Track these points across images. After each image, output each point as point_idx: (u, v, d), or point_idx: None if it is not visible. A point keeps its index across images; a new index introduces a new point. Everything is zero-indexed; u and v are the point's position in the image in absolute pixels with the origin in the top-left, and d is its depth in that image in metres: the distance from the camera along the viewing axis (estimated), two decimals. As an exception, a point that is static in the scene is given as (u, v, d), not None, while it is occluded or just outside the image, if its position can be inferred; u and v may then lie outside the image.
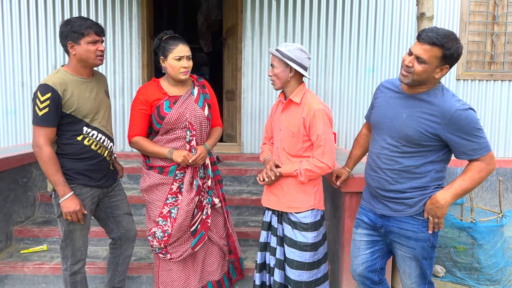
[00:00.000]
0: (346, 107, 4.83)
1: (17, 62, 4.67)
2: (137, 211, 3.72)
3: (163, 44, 2.45)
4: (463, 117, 1.86)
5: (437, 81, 1.95)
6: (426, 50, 1.84)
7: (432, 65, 1.86)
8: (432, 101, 1.93)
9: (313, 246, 2.31)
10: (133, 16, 4.68)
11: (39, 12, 4.63)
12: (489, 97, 4.86)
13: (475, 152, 1.90)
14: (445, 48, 1.83)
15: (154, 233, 2.56)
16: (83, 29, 2.21)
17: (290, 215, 2.33)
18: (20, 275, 3.07)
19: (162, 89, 2.51)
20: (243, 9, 4.71)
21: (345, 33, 4.75)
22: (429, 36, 1.83)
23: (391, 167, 2.04)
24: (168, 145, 2.51)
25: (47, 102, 2.14)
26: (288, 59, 2.25)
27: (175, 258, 2.59)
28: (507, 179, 4.80)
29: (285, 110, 2.37)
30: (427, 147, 1.96)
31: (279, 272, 2.39)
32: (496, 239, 3.39)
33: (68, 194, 2.22)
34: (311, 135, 2.26)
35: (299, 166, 2.27)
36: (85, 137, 2.29)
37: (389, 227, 2.08)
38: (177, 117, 2.46)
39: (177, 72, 2.44)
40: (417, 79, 1.91)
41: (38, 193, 3.76)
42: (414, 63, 1.88)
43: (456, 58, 1.88)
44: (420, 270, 2.07)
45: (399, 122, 2.00)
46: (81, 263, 2.43)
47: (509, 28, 4.82)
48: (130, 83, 4.74)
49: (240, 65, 4.78)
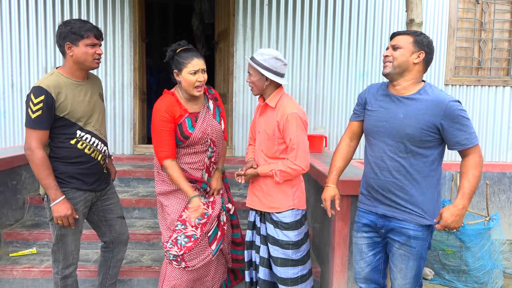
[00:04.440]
0: (337, 111, 4.88)
1: (7, 64, 4.62)
2: (128, 214, 3.71)
3: (176, 58, 2.37)
4: (455, 108, 1.97)
5: (418, 72, 2.07)
6: (399, 39, 2.08)
7: (407, 48, 2.05)
8: (424, 98, 2.03)
9: (295, 244, 2.39)
10: (125, 19, 4.68)
11: (30, 13, 4.60)
12: (477, 102, 4.94)
13: (468, 141, 1.99)
14: (415, 35, 2.07)
15: (176, 239, 2.46)
16: (83, 31, 2.19)
17: (272, 215, 2.41)
18: (9, 279, 3.04)
19: (181, 105, 2.43)
20: (235, 13, 4.74)
21: (336, 38, 4.80)
22: (399, 31, 2.15)
23: (395, 168, 2.08)
24: (185, 158, 2.46)
25: (41, 105, 2.11)
26: (263, 69, 2.30)
27: (190, 266, 2.50)
28: (494, 183, 4.88)
29: (262, 114, 2.44)
30: (427, 142, 2.03)
31: (263, 270, 2.48)
32: (483, 242, 3.44)
33: (59, 198, 2.20)
34: (285, 138, 2.32)
35: (274, 167, 2.34)
36: (78, 141, 2.27)
37: (390, 226, 2.12)
38: (201, 136, 2.43)
39: (192, 87, 2.36)
40: (397, 65, 2.06)
41: (27, 196, 3.72)
42: (392, 52, 2.09)
43: (427, 46, 2.06)
44: (416, 270, 2.11)
45: (397, 122, 2.06)
46: (73, 267, 2.41)
47: (496, 34, 4.92)
48: (122, 86, 4.73)
49: (232, 68, 4.80)
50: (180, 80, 2.38)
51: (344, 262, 2.74)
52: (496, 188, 4.91)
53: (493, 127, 4.97)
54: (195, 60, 2.36)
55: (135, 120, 4.79)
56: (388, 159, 2.10)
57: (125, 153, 4.78)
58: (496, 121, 4.96)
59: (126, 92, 4.74)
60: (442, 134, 2.01)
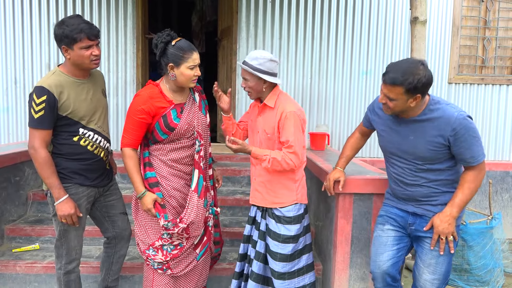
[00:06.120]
0: (339, 109, 4.87)
1: (11, 60, 4.63)
2: (130, 210, 3.70)
3: (173, 51, 2.26)
4: (462, 126, 1.97)
5: (418, 106, 2.04)
6: (390, 90, 1.98)
7: (401, 100, 1.99)
8: (431, 117, 2.04)
9: (295, 238, 2.43)
10: (128, 15, 4.67)
11: (33, 9, 4.60)
12: (480, 100, 4.92)
13: (473, 160, 2.01)
14: (406, 84, 1.93)
15: (162, 246, 2.41)
16: (75, 34, 2.12)
17: (275, 210, 2.43)
18: (12, 274, 3.05)
19: (165, 96, 2.36)
20: (238, 10, 4.73)
21: (339, 35, 4.78)
22: (390, 77, 1.97)
23: (417, 182, 2.14)
24: (172, 154, 2.40)
25: (43, 105, 2.12)
26: (260, 73, 2.30)
27: (176, 273, 2.48)
28: (497, 182, 4.87)
29: (261, 114, 2.44)
30: (439, 159, 2.07)
31: (258, 264, 2.51)
32: (485, 240, 3.43)
33: (63, 197, 2.21)
34: (281, 135, 2.33)
35: (269, 152, 2.34)
36: (81, 138, 2.28)
37: (422, 224, 2.17)
38: (186, 127, 2.38)
39: (189, 80, 2.31)
40: (397, 111, 2.06)
41: (30, 192, 3.73)
42: (387, 101, 2.03)
43: (422, 86, 1.95)
44: (446, 266, 2.15)
45: (408, 145, 2.11)
46: (76, 262, 2.42)
47: (500, 33, 4.89)
48: (125, 82, 4.73)
49: (235, 66, 4.79)
50: (175, 74, 2.29)
51: (346, 260, 2.74)
52: (499, 187, 4.89)
53: (497, 126, 4.95)
54: (194, 54, 2.29)
55: (138, 117, 4.79)
56: (407, 175, 2.16)
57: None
58: (500, 119, 4.94)
59: (129, 89, 4.74)
60: (450, 148, 2.03)
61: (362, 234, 2.72)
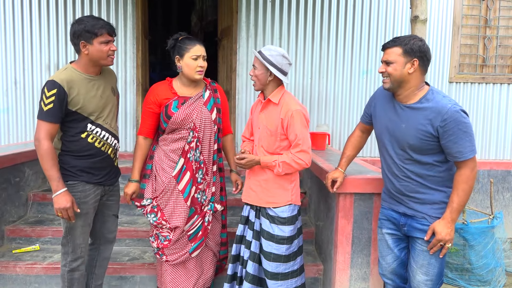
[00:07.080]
0: (339, 108, 4.86)
1: (11, 61, 4.63)
2: (130, 211, 3.72)
3: (179, 44, 2.48)
4: (453, 119, 1.96)
5: (417, 79, 2.07)
6: (389, 53, 2.10)
7: (399, 62, 2.05)
8: (426, 107, 2.04)
9: (289, 239, 2.42)
10: (128, 16, 4.67)
11: (33, 10, 4.60)
12: (481, 99, 4.91)
13: (460, 155, 1.99)
14: (403, 44, 2.05)
15: (157, 236, 2.62)
16: (97, 28, 2.21)
17: (268, 210, 2.42)
18: (12, 275, 3.05)
19: (172, 88, 2.55)
20: (238, 10, 4.72)
21: (339, 35, 4.78)
22: (388, 42, 2.13)
23: (404, 174, 2.14)
24: (172, 144, 2.55)
25: (52, 98, 2.16)
26: (269, 63, 2.32)
27: (170, 261, 2.60)
28: (498, 181, 4.86)
29: (263, 110, 2.45)
30: (428, 150, 2.06)
31: (253, 265, 2.48)
32: (487, 240, 3.42)
33: (60, 190, 2.20)
34: (289, 134, 2.34)
35: (277, 158, 2.35)
36: (89, 134, 2.30)
37: (413, 224, 2.16)
38: (183, 117, 2.49)
39: (193, 71, 2.47)
40: (395, 80, 2.08)
41: (30, 193, 3.73)
42: (386, 68, 2.11)
43: (418, 51, 2.03)
44: (439, 268, 2.14)
45: (400, 132, 2.12)
46: (80, 260, 2.41)
47: (501, 31, 4.88)
48: (125, 83, 4.72)
49: (235, 66, 4.79)
50: (181, 65, 2.49)
51: (346, 260, 2.74)
52: (500, 186, 4.88)
53: (498, 125, 4.93)
54: (197, 45, 2.47)
55: (138, 117, 4.78)
56: (396, 166, 2.17)
57: (127, 150, 4.77)
58: (501, 119, 4.92)
59: (129, 89, 4.73)
60: (439, 140, 2.02)
61: (363, 234, 2.72)
